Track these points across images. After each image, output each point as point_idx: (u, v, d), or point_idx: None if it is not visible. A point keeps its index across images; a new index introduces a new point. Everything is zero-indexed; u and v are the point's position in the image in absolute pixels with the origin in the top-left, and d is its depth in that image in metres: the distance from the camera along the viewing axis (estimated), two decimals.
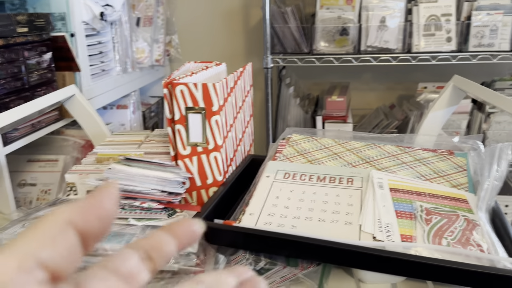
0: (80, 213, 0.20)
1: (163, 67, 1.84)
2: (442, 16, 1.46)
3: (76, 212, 0.20)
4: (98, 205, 0.21)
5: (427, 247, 0.55)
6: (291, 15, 1.51)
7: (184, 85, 0.68)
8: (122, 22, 1.41)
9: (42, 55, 1.06)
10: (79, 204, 0.21)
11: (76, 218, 0.20)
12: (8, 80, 0.95)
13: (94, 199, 0.21)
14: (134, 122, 1.57)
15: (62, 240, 0.19)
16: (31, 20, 1.00)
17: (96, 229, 0.21)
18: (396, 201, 0.65)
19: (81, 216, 0.20)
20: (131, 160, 0.66)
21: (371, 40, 1.48)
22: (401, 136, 0.87)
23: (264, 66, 1.54)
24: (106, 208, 0.21)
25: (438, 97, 0.96)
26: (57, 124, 1.13)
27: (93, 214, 0.21)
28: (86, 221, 0.20)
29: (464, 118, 1.57)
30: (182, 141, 0.71)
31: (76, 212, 0.20)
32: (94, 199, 0.21)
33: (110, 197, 0.21)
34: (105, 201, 0.21)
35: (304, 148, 0.83)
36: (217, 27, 1.88)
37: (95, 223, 0.21)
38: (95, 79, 1.29)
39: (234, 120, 0.79)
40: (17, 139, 0.98)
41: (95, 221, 0.21)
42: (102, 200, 0.21)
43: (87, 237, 0.21)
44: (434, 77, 1.76)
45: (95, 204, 0.21)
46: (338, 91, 1.64)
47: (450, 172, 0.74)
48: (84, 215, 0.20)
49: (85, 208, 0.21)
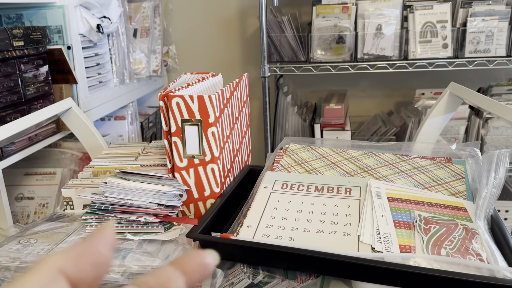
0: (72, 260, 0.19)
1: (161, 78, 1.84)
2: (437, 23, 1.47)
3: (68, 259, 0.19)
4: (93, 251, 0.20)
5: (426, 257, 0.55)
6: (288, 24, 1.51)
7: (180, 97, 0.67)
8: (119, 34, 1.42)
9: (39, 68, 1.06)
10: (72, 250, 0.20)
11: (68, 265, 0.19)
12: (4, 94, 0.95)
13: (89, 244, 0.20)
14: (132, 133, 1.57)
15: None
16: (28, 33, 1.00)
17: (90, 276, 0.20)
18: (394, 210, 0.65)
19: (74, 263, 0.19)
20: (128, 173, 0.66)
21: (367, 47, 1.48)
22: (399, 144, 0.86)
23: (262, 75, 1.55)
24: (102, 254, 0.20)
25: (435, 104, 0.96)
26: (54, 137, 1.12)
27: (87, 260, 0.20)
28: (79, 268, 0.19)
29: (462, 124, 1.57)
30: (178, 153, 0.70)
31: (69, 259, 0.19)
32: (89, 244, 0.20)
33: (106, 241, 0.20)
34: (101, 246, 0.20)
35: (302, 158, 0.83)
36: (214, 37, 1.88)
37: (89, 270, 0.20)
38: (92, 91, 1.29)
39: (231, 131, 0.79)
40: (14, 153, 0.98)
41: (89, 268, 0.20)
42: (97, 245, 0.20)
43: (80, 285, 0.20)
44: (431, 83, 1.76)
45: (90, 250, 0.20)
46: (336, 99, 1.64)
47: (448, 180, 0.73)
48: (77, 262, 0.19)
49: (78, 255, 0.20)
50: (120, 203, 0.61)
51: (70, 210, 0.71)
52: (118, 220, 0.61)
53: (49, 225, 0.63)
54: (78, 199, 0.70)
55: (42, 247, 0.56)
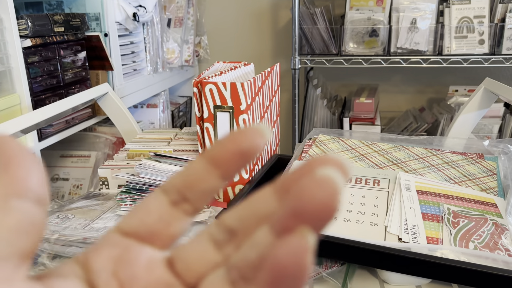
0: (5, 178, 0.16)
1: (192, 68, 1.87)
2: (474, 18, 1.44)
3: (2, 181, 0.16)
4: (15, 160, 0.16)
5: (454, 249, 0.55)
6: (320, 16, 1.51)
7: (213, 84, 0.69)
8: (154, 23, 1.45)
9: (77, 54, 1.10)
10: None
11: (6, 186, 0.16)
12: (44, 78, 0.98)
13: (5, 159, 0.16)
14: (163, 121, 1.60)
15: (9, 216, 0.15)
16: (68, 20, 1.04)
17: (34, 183, 0.16)
18: (423, 203, 0.65)
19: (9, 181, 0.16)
20: (161, 156, 0.68)
21: (401, 41, 1.47)
22: (430, 139, 0.86)
23: (292, 67, 1.55)
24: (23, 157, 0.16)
25: (469, 99, 0.95)
26: (90, 121, 1.16)
27: (18, 171, 0.16)
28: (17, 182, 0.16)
29: (496, 123, 1.53)
30: (210, 139, 0.72)
31: (3, 181, 0.16)
32: (4, 158, 0.16)
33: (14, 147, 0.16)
34: (15, 152, 0.16)
35: (331, 149, 0.83)
36: (245, 28, 1.89)
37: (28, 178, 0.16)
38: (127, 78, 1.33)
39: (261, 119, 0.80)
40: (51, 134, 1.02)
41: (25, 177, 0.16)
42: (13, 154, 0.16)
43: None
44: (465, 80, 1.73)
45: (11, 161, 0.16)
46: (367, 93, 1.63)
47: (479, 175, 0.73)
48: (11, 177, 0.16)
49: (6, 171, 0.16)
50: (153, 184, 0.63)
51: (105, 190, 0.74)
52: None
53: (86, 202, 0.66)
54: (113, 179, 0.73)
55: (79, 222, 0.59)
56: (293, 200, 0.15)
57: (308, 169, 0.16)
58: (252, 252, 0.16)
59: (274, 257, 0.14)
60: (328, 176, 0.15)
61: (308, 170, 0.16)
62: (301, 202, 0.14)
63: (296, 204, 0.15)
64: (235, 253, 0.17)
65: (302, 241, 0.14)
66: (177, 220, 0.19)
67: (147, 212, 0.18)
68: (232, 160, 0.18)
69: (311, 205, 0.14)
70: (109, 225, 0.61)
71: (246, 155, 0.18)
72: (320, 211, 0.14)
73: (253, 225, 0.17)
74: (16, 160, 0.16)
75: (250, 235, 0.17)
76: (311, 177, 0.15)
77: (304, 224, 0.15)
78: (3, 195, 0.16)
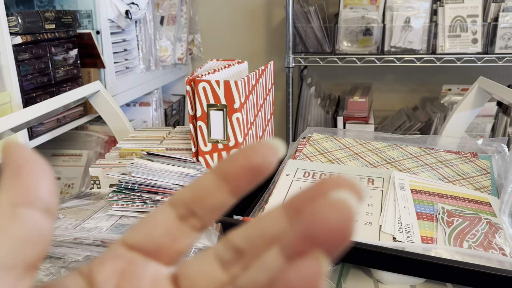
0: (16, 186, 0.15)
1: (185, 66, 1.86)
2: (468, 17, 1.44)
3: (12, 189, 0.15)
4: (26, 168, 0.16)
5: (448, 249, 0.55)
6: (314, 15, 1.50)
7: (206, 82, 0.68)
8: (146, 21, 1.43)
9: (69, 51, 1.08)
10: (8, 181, 0.16)
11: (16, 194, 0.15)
12: (35, 75, 0.97)
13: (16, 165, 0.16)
14: (156, 119, 1.59)
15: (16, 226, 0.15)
16: (59, 17, 1.03)
17: (44, 192, 0.16)
18: (417, 202, 0.64)
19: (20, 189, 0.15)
20: (154, 155, 0.67)
21: (395, 40, 1.47)
22: (424, 138, 0.86)
23: (286, 65, 1.55)
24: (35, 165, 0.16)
25: (463, 98, 0.95)
26: (82, 119, 1.15)
27: (29, 179, 0.16)
28: (27, 191, 0.15)
29: (489, 121, 1.54)
30: (203, 138, 0.71)
31: (13, 189, 0.15)
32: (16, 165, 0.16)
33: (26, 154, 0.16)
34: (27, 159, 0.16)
35: (325, 148, 0.83)
36: (239, 27, 1.88)
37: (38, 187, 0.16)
38: (119, 76, 1.31)
39: (255, 118, 0.80)
40: (42, 133, 1.01)
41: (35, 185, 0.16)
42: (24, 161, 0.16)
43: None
44: (458, 79, 1.73)
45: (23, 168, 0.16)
46: (360, 92, 1.63)
47: (473, 174, 0.73)
48: (22, 185, 0.15)
49: (16, 179, 0.15)
50: (146, 183, 0.62)
51: (96, 189, 0.73)
52: (144, 200, 0.62)
53: (76, 202, 0.65)
54: (105, 178, 0.72)
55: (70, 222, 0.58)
56: (306, 222, 0.14)
57: (320, 189, 0.15)
58: (262, 275, 0.16)
59: (285, 281, 0.14)
60: (342, 199, 0.14)
61: (320, 190, 0.15)
62: (315, 225, 0.14)
63: (309, 227, 0.14)
64: (243, 274, 0.17)
65: (315, 265, 0.14)
66: (184, 236, 0.18)
67: (154, 226, 0.18)
68: (243, 176, 0.17)
69: (325, 229, 0.14)
70: (100, 225, 0.60)
71: (257, 171, 0.17)
72: (335, 235, 0.14)
73: (261, 245, 0.17)
74: (27, 168, 0.16)
75: (258, 256, 0.17)
76: (324, 200, 0.14)
77: (317, 248, 0.14)
78: (12, 203, 0.15)
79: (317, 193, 0.16)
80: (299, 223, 0.15)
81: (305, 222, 0.14)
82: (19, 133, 0.90)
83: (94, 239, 0.58)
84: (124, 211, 0.63)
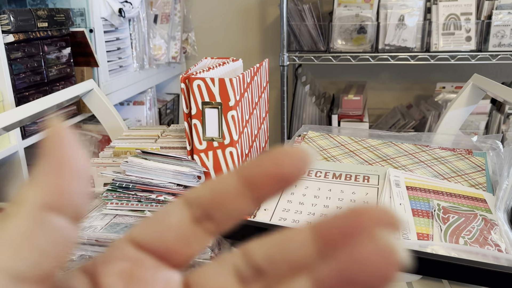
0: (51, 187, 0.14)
1: (180, 64, 1.85)
2: (461, 15, 1.44)
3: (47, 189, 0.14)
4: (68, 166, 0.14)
5: (444, 245, 0.55)
6: (309, 13, 1.50)
7: (201, 80, 0.68)
8: (140, 19, 1.43)
9: (62, 50, 1.07)
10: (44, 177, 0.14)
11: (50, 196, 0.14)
12: (28, 74, 0.96)
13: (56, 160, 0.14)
14: (150, 118, 1.59)
15: (41, 235, 0.14)
16: (52, 15, 1.02)
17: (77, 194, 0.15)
18: (413, 199, 0.64)
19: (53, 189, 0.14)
20: (148, 153, 0.67)
21: (389, 38, 1.47)
22: (418, 135, 0.86)
23: (280, 63, 1.54)
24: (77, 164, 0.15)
25: (457, 95, 0.95)
26: (75, 118, 1.14)
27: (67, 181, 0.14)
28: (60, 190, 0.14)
29: (483, 119, 1.54)
30: (198, 136, 0.71)
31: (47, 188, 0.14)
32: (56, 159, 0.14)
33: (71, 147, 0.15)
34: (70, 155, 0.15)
35: (320, 145, 0.83)
36: (233, 25, 1.88)
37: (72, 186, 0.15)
38: (113, 75, 1.31)
39: (250, 116, 0.79)
40: (35, 132, 1.00)
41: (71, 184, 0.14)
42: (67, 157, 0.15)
43: (69, 212, 0.15)
44: (452, 77, 1.74)
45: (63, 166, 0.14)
46: (355, 90, 1.63)
47: (468, 171, 0.73)
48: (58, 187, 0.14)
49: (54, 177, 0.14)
50: (140, 182, 0.62)
51: (90, 188, 0.72)
52: (139, 198, 0.62)
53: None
54: (99, 177, 0.71)
55: None
56: (347, 263, 0.13)
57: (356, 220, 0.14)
58: None
59: None
60: (389, 244, 0.13)
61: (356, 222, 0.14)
62: (357, 269, 0.13)
63: (350, 269, 0.13)
64: None
65: None
66: (197, 240, 0.17)
67: (166, 226, 0.16)
68: (269, 184, 0.16)
69: (368, 275, 0.13)
70: (95, 224, 0.59)
71: (286, 181, 0.15)
72: (377, 281, 0.13)
73: (285, 269, 0.16)
74: (68, 166, 0.14)
75: (281, 280, 0.15)
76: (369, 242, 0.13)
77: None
78: (43, 204, 0.14)
79: (353, 225, 0.14)
80: (338, 261, 0.14)
81: (346, 263, 0.13)
82: (12, 132, 0.90)
83: (88, 238, 0.57)
84: (118, 210, 0.62)
